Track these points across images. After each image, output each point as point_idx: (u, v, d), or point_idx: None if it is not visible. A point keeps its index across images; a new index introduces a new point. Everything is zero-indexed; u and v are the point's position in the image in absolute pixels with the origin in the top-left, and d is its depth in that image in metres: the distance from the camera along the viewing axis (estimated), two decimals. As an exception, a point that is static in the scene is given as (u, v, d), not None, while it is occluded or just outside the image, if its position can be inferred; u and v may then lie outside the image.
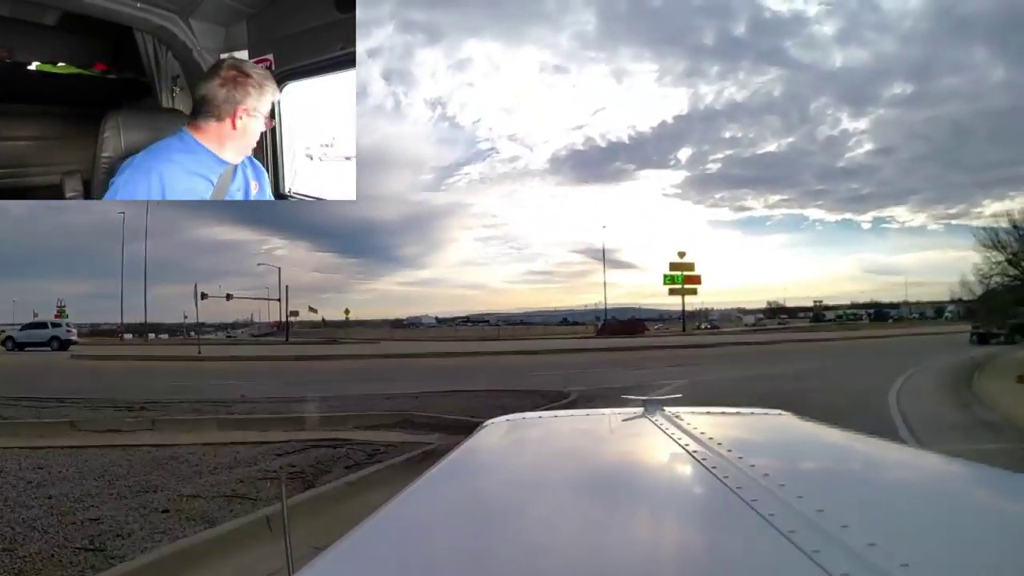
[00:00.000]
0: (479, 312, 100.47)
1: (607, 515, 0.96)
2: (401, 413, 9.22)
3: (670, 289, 55.52)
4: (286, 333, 51.89)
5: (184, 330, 64.70)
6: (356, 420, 8.80)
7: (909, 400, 10.57)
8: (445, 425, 8.08)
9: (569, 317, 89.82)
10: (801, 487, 0.91)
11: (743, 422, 1.64)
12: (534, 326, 74.42)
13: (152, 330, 61.24)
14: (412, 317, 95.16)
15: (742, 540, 0.79)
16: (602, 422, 1.64)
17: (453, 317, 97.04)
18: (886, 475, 1.19)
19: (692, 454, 1.11)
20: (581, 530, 0.89)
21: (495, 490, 1.16)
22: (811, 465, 1.28)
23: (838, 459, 1.33)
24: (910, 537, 0.78)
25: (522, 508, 1.01)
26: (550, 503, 1.03)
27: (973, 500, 1.06)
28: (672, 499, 1.02)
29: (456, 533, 0.93)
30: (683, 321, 60.80)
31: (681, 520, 0.91)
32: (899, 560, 0.66)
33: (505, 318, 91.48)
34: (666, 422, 1.39)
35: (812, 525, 0.76)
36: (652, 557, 0.77)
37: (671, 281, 55.21)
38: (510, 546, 0.85)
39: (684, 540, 0.84)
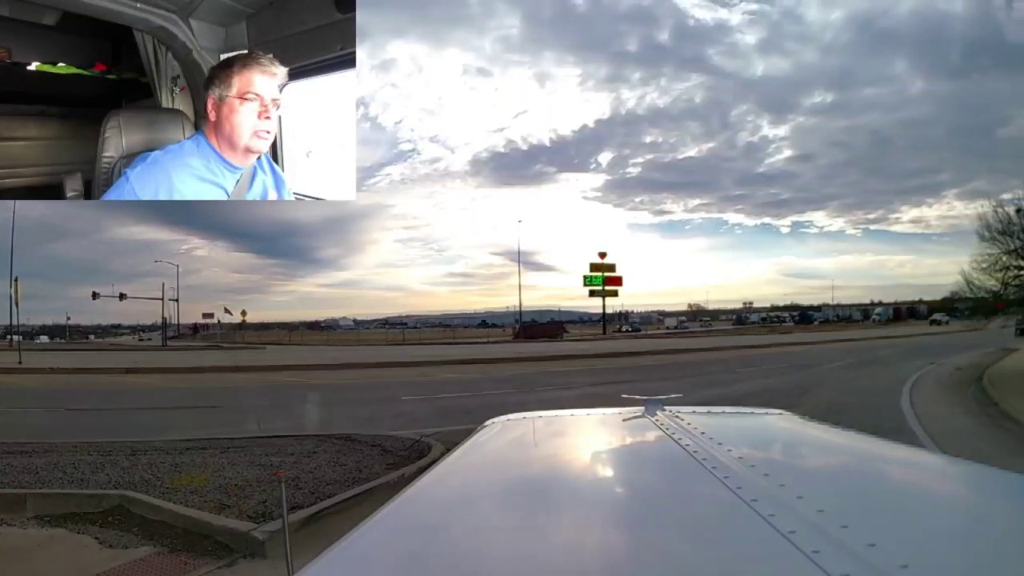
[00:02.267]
0: (398, 315, 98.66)
1: (607, 514, 0.96)
2: (117, 492, 5.16)
3: (590, 291, 54.06)
4: (163, 337, 50.40)
5: (67, 332, 64.17)
6: (42, 504, 5.02)
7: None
8: (169, 527, 4.51)
9: (488, 319, 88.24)
10: (801, 487, 0.91)
11: (743, 422, 1.65)
12: (453, 328, 73.72)
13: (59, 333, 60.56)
14: (329, 319, 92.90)
15: (742, 540, 0.79)
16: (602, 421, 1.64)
17: (372, 319, 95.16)
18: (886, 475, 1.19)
19: (692, 454, 1.11)
20: (581, 529, 0.89)
21: (495, 489, 1.16)
22: (811, 465, 1.28)
23: (838, 459, 1.33)
24: (910, 537, 0.78)
25: (523, 507, 1.01)
26: (550, 502, 1.03)
27: (973, 500, 1.06)
28: (672, 499, 1.02)
29: (456, 532, 0.93)
30: (603, 323, 59.05)
31: (681, 520, 0.91)
32: (899, 560, 0.67)
33: (424, 320, 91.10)
34: (666, 421, 1.39)
35: (812, 525, 0.76)
36: (652, 556, 0.77)
37: (591, 282, 53.78)
38: (510, 545, 0.86)
39: (684, 540, 0.84)
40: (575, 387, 13.87)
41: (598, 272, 53.73)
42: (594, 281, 53.71)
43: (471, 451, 1.40)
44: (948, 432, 7.81)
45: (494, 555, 0.83)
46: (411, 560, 0.83)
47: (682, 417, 1.43)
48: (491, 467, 1.35)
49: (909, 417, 8.80)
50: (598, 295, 54.36)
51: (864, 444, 1.40)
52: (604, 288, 53.72)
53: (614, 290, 54.40)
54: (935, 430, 7.83)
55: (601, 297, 54.50)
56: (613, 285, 54.07)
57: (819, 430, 1.56)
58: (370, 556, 0.87)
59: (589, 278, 53.87)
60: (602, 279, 53.57)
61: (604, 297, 54.50)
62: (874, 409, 9.50)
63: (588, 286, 53.98)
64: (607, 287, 53.83)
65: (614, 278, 53.98)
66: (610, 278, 53.82)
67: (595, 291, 54.02)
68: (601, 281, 53.57)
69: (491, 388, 13.90)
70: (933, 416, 8.89)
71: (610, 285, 53.92)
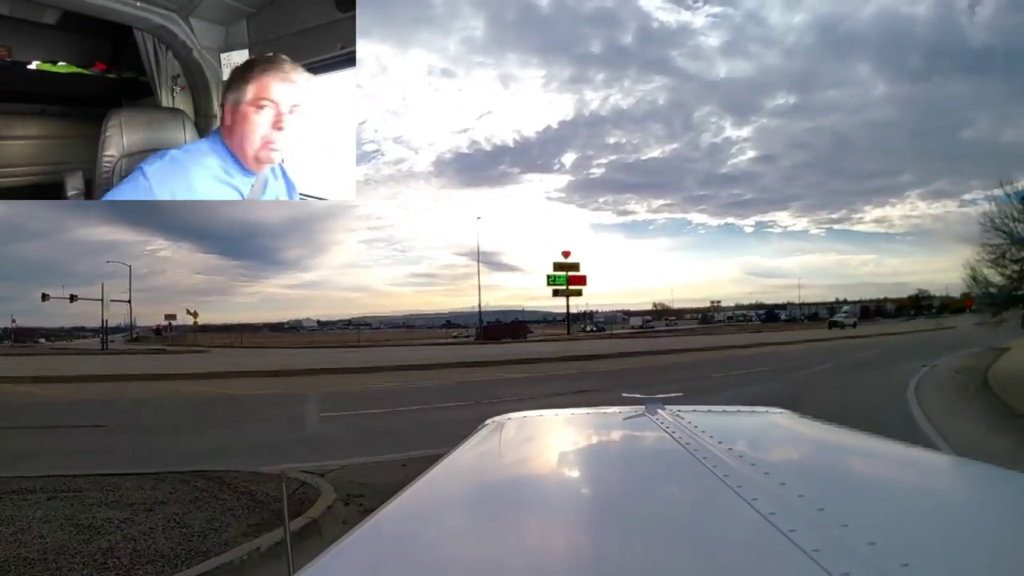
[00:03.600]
0: (362, 315, 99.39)
1: (607, 513, 0.96)
2: None
3: (554, 290, 53.12)
4: (103, 340, 49.48)
5: (11, 335, 63.56)
6: None
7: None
8: None
9: (453, 319, 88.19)
10: (801, 486, 0.91)
11: (744, 420, 1.65)
12: (417, 329, 73.09)
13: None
14: (293, 321, 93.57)
15: (742, 539, 0.79)
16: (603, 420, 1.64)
17: (336, 320, 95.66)
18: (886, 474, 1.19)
19: (692, 452, 1.11)
20: (581, 528, 0.89)
21: (495, 489, 1.16)
22: (811, 464, 1.28)
23: (838, 458, 1.33)
24: (910, 536, 0.78)
25: (522, 506, 1.01)
26: (550, 501, 1.03)
27: (973, 500, 1.06)
28: (672, 497, 1.02)
29: (456, 532, 0.93)
30: (567, 323, 58.84)
31: (681, 518, 0.91)
32: (899, 559, 0.67)
33: (388, 321, 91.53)
34: (667, 420, 1.39)
35: (812, 524, 0.76)
36: (652, 555, 0.77)
37: (555, 282, 52.85)
38: (510, 544, 0.86)
39: (684, 538, 0.84)
40: (534, 398, 12.02)
41: (562, 271, 52.97)
42: (558, 281, 52.92)
43: (470, 450, 1.40)
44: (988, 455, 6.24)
45: (494, 554, 0.83)
46: (411, 560, 0.83)
47: (682, 416, 1.43)
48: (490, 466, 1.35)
49: (933, 436, 7.44)
50: (562, 295, 53.55)
51: (864, 442, 1.40)
52: (568, 288, 52.94)
53: (578, 289, 53.60)
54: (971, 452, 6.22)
55: (565, 297, 53.73)
56: (577, 284, 53.26)
57: (819, 429, 1.56)
58: (370, 556, 0.87)
59: (552, 277, 53.09)
60: (566, 278, 52.81)
61: (568, 297, 53.78)
62: (888, 424, 7.92)
63: (552, 285, 53.11)
64: (571, 286, 53.05)
65: (578, 277, 53.22)
66: (574, 277, 53.06)
67: (559, 291, 53.21)
68: (565, 280, 52.81)
69: (432, 401, 12.02)
70: (958, 431, 7.72)
71: (574, 284, 53.14)
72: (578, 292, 54.13)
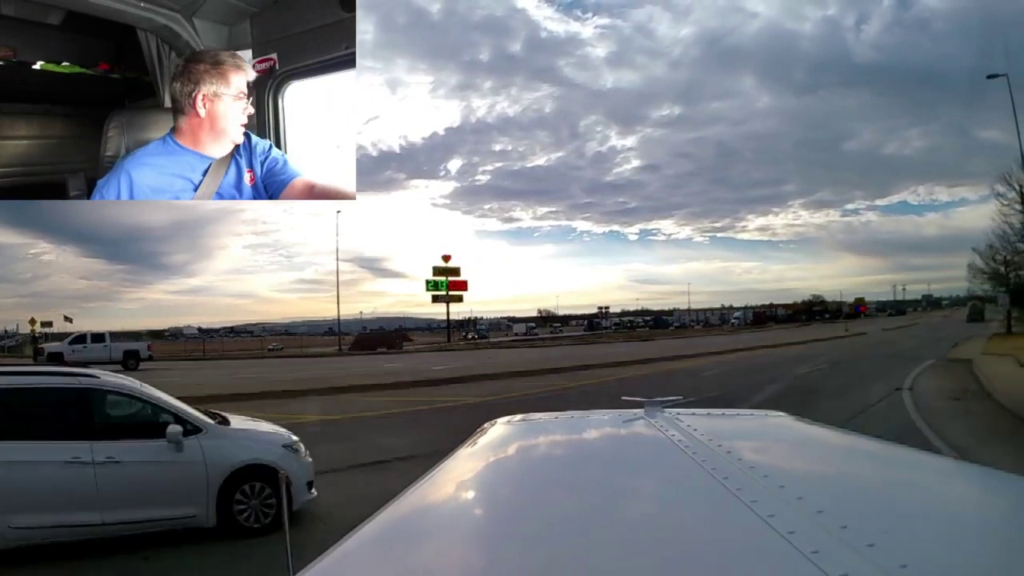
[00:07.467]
0: (246, 322, 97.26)
1: (607, 516, 0.96)
2: None
3: (433, 296, 49.98)
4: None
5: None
6: None
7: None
8: None
9: (334, 328, 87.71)
10: (800, 488, 0.91)
11: (743, 423, 1.65)
12: (299, 336, 71.44)
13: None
14: (173, 328, 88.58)
15: (742, 541, 0.79)
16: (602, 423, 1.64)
17: (219, 327, 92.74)
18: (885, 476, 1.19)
19: (692, 455, 1.11)
20: (581, 531, 0.89)
21: (495, 491, 1.16)
22: (810, 466, 1.28)
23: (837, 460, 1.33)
24: (909, 537, 0.78)
25: (522, 508, 1.01)
26: (550, 504, 1.03)
27: (972, 500, 1.05)
28: (672, 500, 1.02)
29: (456, 533, 0.93)
30: (448, 330, 55.81)
31: (681, 521, 0.91)
32: (898, 560, 0.67)
33: (271, 328, 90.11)
34: (666, 423, 1.39)
35: (811, 526, 0.76)
36: (652, 558, 0.77)
37: (434, 287, 49.65)
38: (510, 546, 0.86)
39: (684, 541, 0.84)
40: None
41: (442, 276, 49.87)
42: (438, 286, 49.80)
43: (470, 453, 1.40)
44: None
45: (494, 555, 0.83)
46: (411, 560, 0.84)
47: (682, 419, 1.43)
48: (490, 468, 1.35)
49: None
50: (442, 300, 50.59)
51: (863, 445, 1.40)
52: (448, 293, 49.86)
53: (459, 295, 50.93)
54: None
55: (445, 303, 50.96)
56: (458, 290, 50.46)
57: (818, 431, 1.56)
58: (370, 556, 0.87)
59: (432, 283, 49.87)
60: (446, 283, 49.75)
61: (448, 303, 51.04)
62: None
63: (431, 291, 49.91)
64: (452, 292, 49.97)
65: (459, 283, 50.31)
66: (455, 283, 50.10)
67: (439, 296, 50.09)
68: (445, 286, 49.73)
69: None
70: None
71: (455, 290, 50.15)
72: (459, 298, 51.34)
